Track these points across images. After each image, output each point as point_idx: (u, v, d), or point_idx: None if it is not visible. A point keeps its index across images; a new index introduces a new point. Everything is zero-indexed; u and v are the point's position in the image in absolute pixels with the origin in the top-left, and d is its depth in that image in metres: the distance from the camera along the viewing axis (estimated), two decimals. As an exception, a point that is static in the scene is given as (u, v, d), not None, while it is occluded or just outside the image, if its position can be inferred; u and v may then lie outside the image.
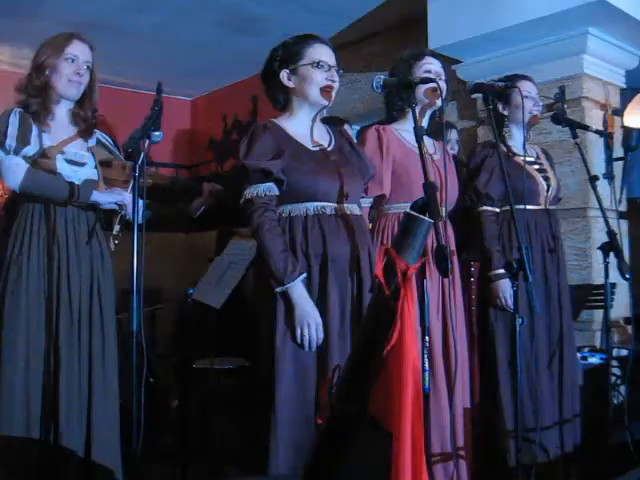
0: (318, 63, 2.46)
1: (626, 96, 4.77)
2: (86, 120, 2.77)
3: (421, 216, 1.34)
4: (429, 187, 2.05)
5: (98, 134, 2.83)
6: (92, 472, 2.57)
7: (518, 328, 2.33)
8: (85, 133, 2.76)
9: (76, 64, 2.66)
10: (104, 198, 2.67)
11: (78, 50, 2.67)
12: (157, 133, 2.37)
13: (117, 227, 2.69)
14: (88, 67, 2.71)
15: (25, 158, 2.56)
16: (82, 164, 2.69)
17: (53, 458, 2.50)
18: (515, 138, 3.27)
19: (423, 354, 1.84)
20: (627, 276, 2.83)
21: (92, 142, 2.79)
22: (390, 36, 5.47)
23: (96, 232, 2.71)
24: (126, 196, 2.65)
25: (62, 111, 2.72)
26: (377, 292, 1.14)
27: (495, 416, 3.06)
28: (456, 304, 2.79)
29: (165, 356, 4.11)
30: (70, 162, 2.65)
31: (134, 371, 2.20)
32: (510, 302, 2.98)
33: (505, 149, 3.20)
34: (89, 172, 2.71)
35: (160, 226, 2.74)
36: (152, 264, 2.53)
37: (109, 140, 2.88)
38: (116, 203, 2.67)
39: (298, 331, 2.29)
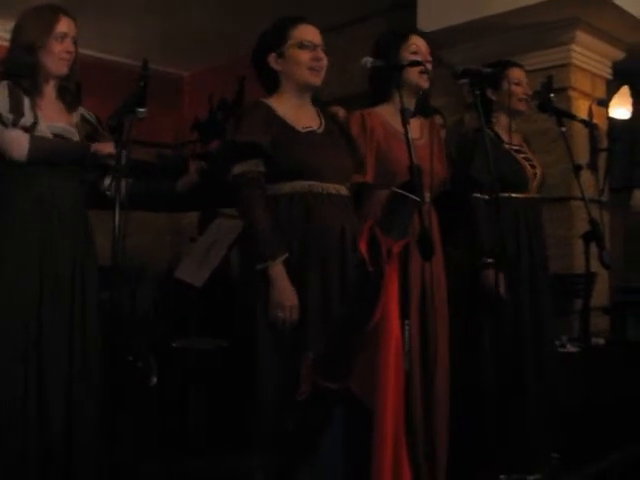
0: (303, 43, 2.46)
1: (612, 88, 4.79)
2: (72, 94, 2.74)
3: (406, 193, 1.34)
4: (414, 169, 2.05)
5: (82, 110, 2.80)
6: (71, 450, 2.55)
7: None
8: (71, 107, 2.73)
9: (66, 42, 2.62)
10: (102, 149, 2.63)
11: (66, 27, 2.63)
12: (141, 110, 2.35)
13: (108, 181, 2.71)
14: (74, 42, 2.67)
15: (22, 129, 2.53)
16: (69, 139, 2.67)
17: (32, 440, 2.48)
18: (502, 125, 3.25)
19: (403, 337, 1.84)
20: (608, 265, 2.84)
21: (76, 118, 2.77)
22: (377, 20, 5.43)
23: (82, 208, 2.69)
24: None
25: (49, 88, 2.69)
26: (361, 269, 1.14)
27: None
28: (440, 291, 2.79)
29: (145, 334, 4.09)
30: (57, 137, 2.63)
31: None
32: (502, 289, 2.99)
33: (493, 135, 3.18)
34: None
35: (143, 203, 2.71)
36: (134, 242, 2.51)
37: (92, 117, 2.85)
38: (109, 154, 2.63)
39: (272, 311, 2.29)
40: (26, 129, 2.53)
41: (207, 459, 3.39)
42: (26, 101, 2.57)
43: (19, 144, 2.51)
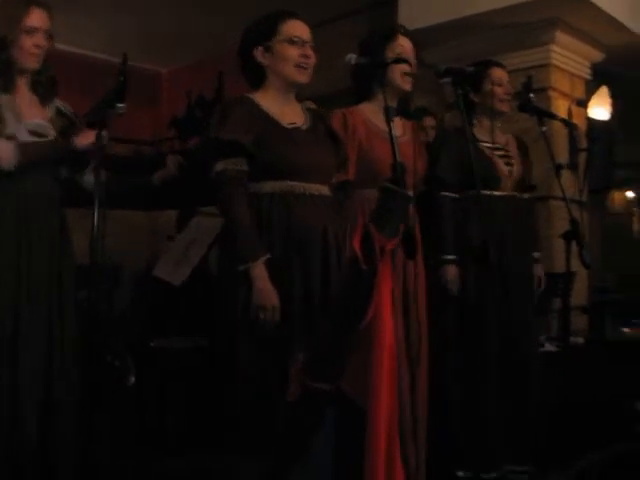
0: (292, 39, 2.42)
1: (590, 88, 4.82)
2: (46, 87, 2.68)
3: (397, 188, 1.32)
4: (398, 167, 2.03)
5: (57, 103, 2.74)
6: (49, 450, 2.51)
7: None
8: (45, 100, 2.67)
9: (37, 36, 2.53)
10: (84, 142, 2.54)
11: (37, 20, 2.53)
12: (120, 105, 2.31)
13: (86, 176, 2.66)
14: (47, 36, 2.60)
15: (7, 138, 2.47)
16: (44, 135, 2.61)
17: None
18: (483, 124, 3.25)
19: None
20: (589, 265, 2.85)
21: (51, 112, 2.71)
22: (359, 18, 5.42)
23: (57, 207, 2.64)
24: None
25: (22, 82, 2.63)
26: (353, 266, 1.12)
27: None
28: (421, 291, 2.79)
29: (122, 334, 4.04)
30: (33, 134, 2.57)
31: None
32: (455, 288, 3.02)
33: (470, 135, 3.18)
34: None
35: (121, 199, 2.66)
36: (111, 241, 2.47)
37: (68, 109, 2.79)
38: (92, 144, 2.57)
39: (253, 312, 2.26)
40: (10, 137, 2.47)
41: (186, 459, 3.35)
42: (3, 100, 2.51)
43: (7, 155, 2.44)
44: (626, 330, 4.44)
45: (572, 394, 3.06)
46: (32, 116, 2.60)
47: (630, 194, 7.59)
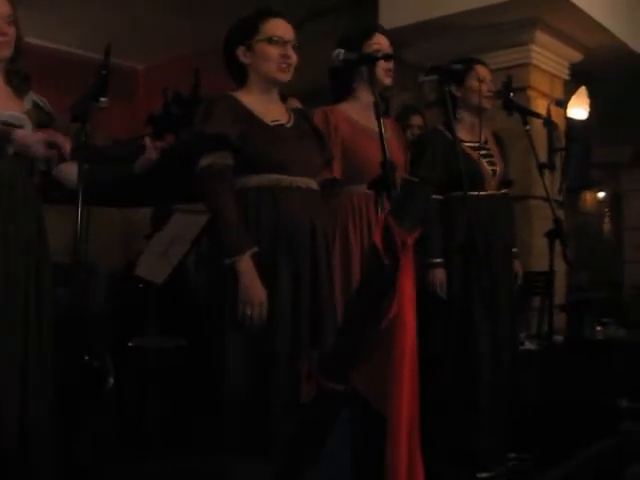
0: (272, 39, 2.40)
1: (569, 88, 4.85)
2: (20, 78, 2.62)
3: (415, 180, 1.29)
4: (388, 164, 2.02)
5: (33, 96, 2.68)
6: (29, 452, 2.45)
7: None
8: (20, 91, 2.61)
9: None
10: (32, 139, 2.45)
11: None
12: (103, 99, 2.27)
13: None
14: (9, 22, 2.53)
15: None
16: (19, 127, 2.54)
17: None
18: (464, 121, 3.25)
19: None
20: (572, 263, 2.87)
21: (28, 104, 2.64)
22: (339, 16, 5.40)
23: (33, 197, 2.58)
24: (59, 136, 2.46)
25: None
26: (373, 262, 1.08)
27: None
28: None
29: (100, 333, 3.99)
30: (6, 125, 2.50)
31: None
32: (444, 291, 3.01)
33: (449, 135, 3.17)
34: None
35: (94, 198, 2.59)
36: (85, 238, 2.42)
37: (45, 103, 2.73)
38: (49, 143, 2.48)
39: (240, 307, 2.23)
40: None
41: (168, 460, 3.31)
42: None
43: None
44: (598, 329, 4.49)
45: (554, 392, 3.08)
46: (6, 108, 2.53)
47: (601, 194, 7.68)
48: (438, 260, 3.05)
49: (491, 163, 3.28)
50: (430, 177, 3.07)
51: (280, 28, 2.44)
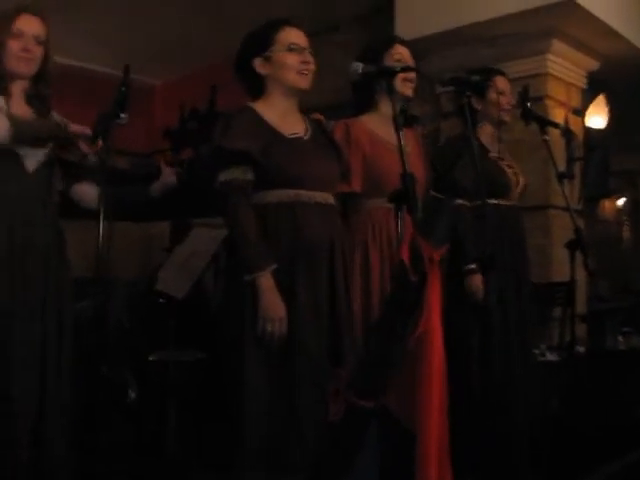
0: (291, 47, 2.41)
1: (586, 97, 4.83)
2: (42, 100, 2.65)
3: (441, 196, 1.29)
4: (408, 178, 2.02)
5: (55, 117, 2.71)
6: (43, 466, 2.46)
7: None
8: (40, 114, 2.64)
9: (24, 40, 2.53)
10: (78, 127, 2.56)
11: (25, 24, 2.54)
12: (123, 115, 2.30)
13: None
14: (39, 42, 2.58)
15: None
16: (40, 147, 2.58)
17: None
18: (487, 134, 3.24)
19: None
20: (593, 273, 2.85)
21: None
22: (356, 27, 5.41)
23: (52, 215, 2.61)
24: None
25: (17, 90, 2.60)
26: (399, 278, 1.08)
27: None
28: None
29: (120, 347, 4.00)
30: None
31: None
32: (481, 297, 2.97)
33: (477, 144, 3.16)
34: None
35: (117, 210, 2.63)
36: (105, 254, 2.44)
37: (67, 123, 2.76)
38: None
39: (260, 324, 2.23)
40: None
41: (186, 473, 3.31)
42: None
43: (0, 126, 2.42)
44: (620, 339, 4.45)
45: (577, 404, 3.05)
46: None
47: (620, 202, 7.63)
48: (474, 266, 2.98)
49: (515, 174, 3.27)
50: (464, 184, 3.02)
51: (295, 36, 2.45)
